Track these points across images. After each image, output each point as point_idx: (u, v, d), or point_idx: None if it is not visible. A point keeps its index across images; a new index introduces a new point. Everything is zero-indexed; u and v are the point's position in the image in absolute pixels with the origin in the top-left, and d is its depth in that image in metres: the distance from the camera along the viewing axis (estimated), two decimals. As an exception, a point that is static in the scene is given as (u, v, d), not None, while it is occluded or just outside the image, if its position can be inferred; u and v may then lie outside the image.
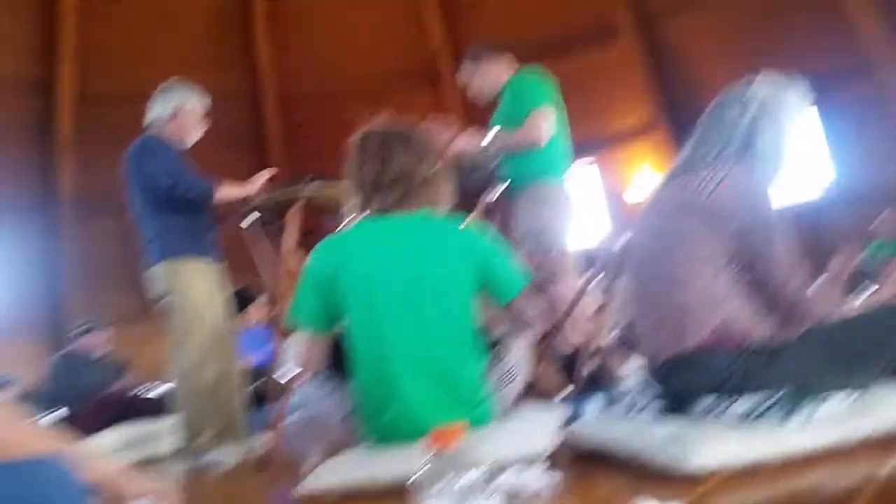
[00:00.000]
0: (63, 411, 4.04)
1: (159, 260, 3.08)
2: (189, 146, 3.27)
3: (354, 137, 1.95)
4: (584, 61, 8.36)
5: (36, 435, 1.09)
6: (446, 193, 1.97)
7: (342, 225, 1.97)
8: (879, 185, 7.19)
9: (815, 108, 7.47)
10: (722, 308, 1.55)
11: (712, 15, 7.78)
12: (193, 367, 3.01)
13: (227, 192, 3.11)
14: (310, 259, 1.91)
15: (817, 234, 7.30)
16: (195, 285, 3.08)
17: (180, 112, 3.21)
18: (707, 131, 1.75)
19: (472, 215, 3.13)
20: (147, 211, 3.11)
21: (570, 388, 2.90)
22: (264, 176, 3.23)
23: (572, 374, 3.01)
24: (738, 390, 1.47)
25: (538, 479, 1.33)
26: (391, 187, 1.87)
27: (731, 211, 1.58)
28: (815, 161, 7.76)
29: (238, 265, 3.54)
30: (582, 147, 3.33)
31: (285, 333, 3.16)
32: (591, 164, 8.40)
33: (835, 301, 1.70)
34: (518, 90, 3.17)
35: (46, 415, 3.97)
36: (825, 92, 7.00)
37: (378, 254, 1.82)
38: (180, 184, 3.01)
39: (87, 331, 4.75)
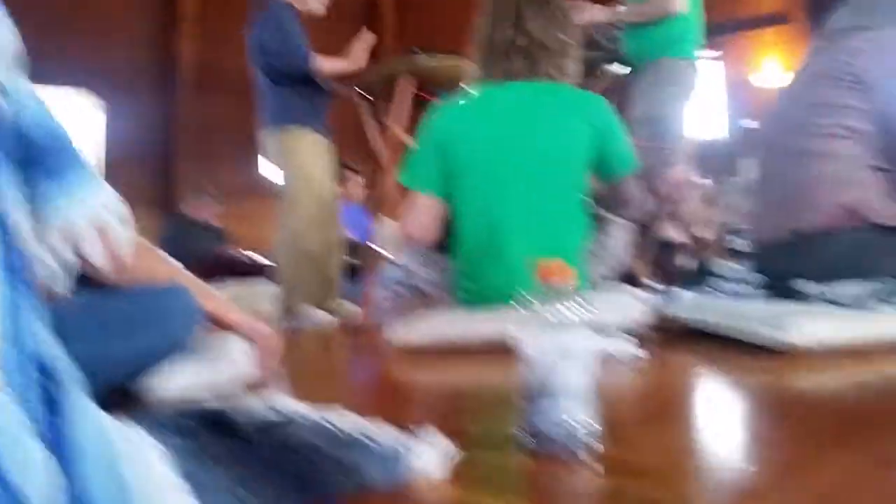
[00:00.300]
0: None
1: (274, 128, 3.17)
2: (320, 12, 3.25)
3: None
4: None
5: (163, 266, 1.20)
6: (576, 66, 1.90)
7: (463, 90, 1.94)
8: None
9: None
10: (853, 185, 1.49)
11: None
12: (299, 233, 3.12)
13: (329, 65, 3.12)
14: (429, 123, 1.91)
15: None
16: (306, 155, 3.16)
17: None
18: (855, 3, 1.63)
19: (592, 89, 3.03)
20: (264, 79, 3.18)
21: (666, 280, 2.87)
22: (364, 46, 3.20)
23: (671, 265, 2.97)
24: (850, 275, 1.44)
25: (628, 347, 1.35)
26: (521, 53, 1.81)
27: (885, 77, 1.49)
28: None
29: (345, 139, 3.57)
30: (711, 29, 3.08)
31: (384, 211, 3.25)
32: (716, 58, 7.82)
33: None
34: None
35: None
36: None
37: (498, 121, 1.81)
38: (288, 56, 3.05)
39: (198, 199, 5.09)
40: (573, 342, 0.76)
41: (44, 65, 1.30)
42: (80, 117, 6.06)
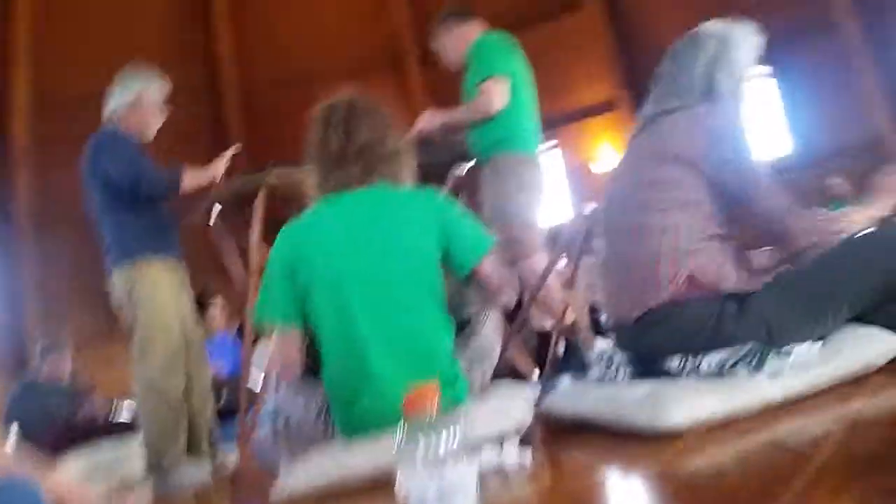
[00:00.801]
0: (15, 428, 3.92)
1: (120, 262, 2.89)
2: (151, 138, 3.07)
3: (317, 109, 1.88)
4: (546, 31, 8.32)
5: (7, 457, 1.09)
6: (410, 168, 1.91)
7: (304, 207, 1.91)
8: (836, 148, 7.33)
9: (773, 70, 7.56)
10: (694, 255, 1.55)
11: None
12: (158, 377, 2.80)
13: (194, 178, 2.93)
14: (273, 248, 1.84)
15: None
16: (159, 288, 2.89)
17: (141, 100, 3.01)
18: (668, 79, 1.76)
19: (441, 191, 3.08)
20: (106, 212, 2.92)
21: (543, 367, 2.89)
22: (227, 155, 3.08)
23: (544, 353, 2.99)
24: (708, 345, 1.48)
25: (513, 455, 1.33)
26: (355, 161, 1.80)
27: (704, 150, 1.58)
28: (773, 124, 7.89)
29: (199, 265, 3.38)
30: (544, 122, 3.25)
31: (253, 339, 3.05)
32: (552, 146, 8.40)
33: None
34: (476, 57, 3.04)
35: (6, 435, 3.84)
36: (785, 52, 7.15)
37: (341, 231, 1.76)
38: (144, 180, 2.83)
39: (49, 354, 4.57)
40: (453, 475, 0.73)
41: None
42: None
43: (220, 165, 3.03)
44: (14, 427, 3.94)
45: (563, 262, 3.39)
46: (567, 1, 8.63)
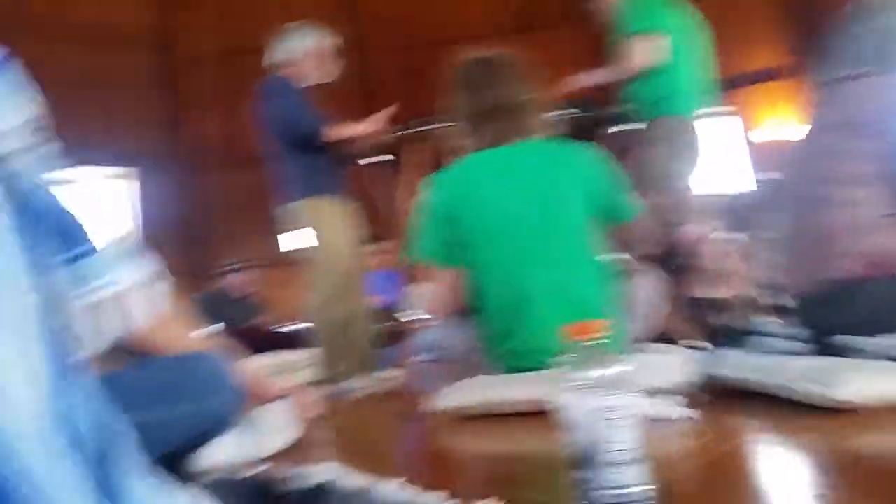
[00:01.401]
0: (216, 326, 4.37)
1: (295, 200, 3.16)
2: (313, 83, 3.28)
3: (458, 67, 1.94)
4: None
5: (196, 335, 1.21)
6: (549, 120, 1.95)
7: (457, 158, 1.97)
8: None
9: None
10: (871, 234, 1.47)
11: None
12: (327, 303, 3.11)
13: (342, 130, 3.12)
14: (427, 195, 1.92)
15: None
16: (329, 225, 3.15)
17: (310, 53, 3.25)
18: (845, 46, 1.64)
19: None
20: (280, 152, 3.18)
21: (706, 336, 2.80)
22: (384, 115, 3.21)
23: (707, 323, 2.90)
24: (889, 327, 1.40)
25: (674, 408, 1.32)
26: (507, 116, 1.86)
27: (882, 124, 1.49)
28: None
29: (372, 204, 3.59)
30: (716, 87, 3.05)
31: (412, 277, 3.23)
32: (729, 110, 7.87)
33: None
34: (624, 14, 2.94)
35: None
36: None
37: (499, 183, 1.82)
38: (298, 124, 3.07)
39: (233, 270, 5.11)
40: (616, 403, 0.73)
41: (74, 144, 1.33)
42: (115, 194, 6.19)
43: (374, 122, 3.16)
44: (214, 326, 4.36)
45: (730, 234, 3.24)
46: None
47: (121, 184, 6.34)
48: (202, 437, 1.04)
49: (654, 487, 0.72)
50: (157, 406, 0.99)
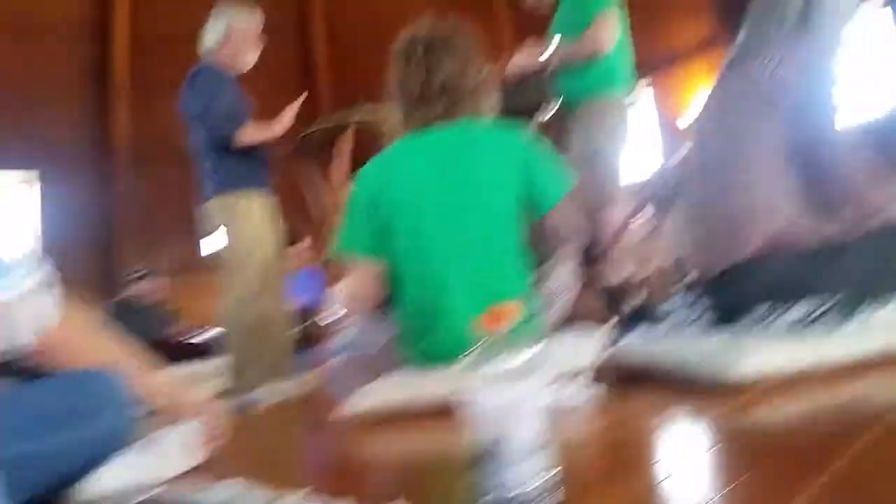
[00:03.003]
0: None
1: (214, 194, 3.07)
2: (246, 69, 3.21)
3: (397, 44, 1.87)
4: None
5: (102, 345, 1.15)
6: (494, 101, 1.89)
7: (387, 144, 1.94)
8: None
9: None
10: (781, 213, 1.51)
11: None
12: (240, 303, 3.00)
13: (252, 134, 3.03)
14: (355, 184, 1.88)
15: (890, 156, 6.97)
16: (250, 221, 3.06)
17: (230, 33, 3.14)
18: (759, 14, 1.67)
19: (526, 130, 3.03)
20: (204, 145, 3.09)
21: (614, 320, 2.87)
22: (291, 112, 3.15)
23: (618, 305, 2.98)
24: (792, 296, 1.45)
25: (579, 393, 1.36)
26: (437, 98, 1.80)
27: (789, 87, 1.52)
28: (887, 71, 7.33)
29: (292, 200, 3.48)
30: (637, 66, 3.11)
31: (335, 275, 3.16)
32: (647, 86, 8.04)
33: None
34: None
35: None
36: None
37: (423, 169, 1.77)
38: (210, 119, 2.98)
39: (141, 278, 4.94)
40: (521, 395, 0.73)
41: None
42: (12, 196, 5.88)
43: (284, 122, 3.10)
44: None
45: (647, 214, 3.33)
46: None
47: (26, 187, 6.01)
48: (90, 464, 0.99)
49: (556, 476, 0.73)
50: (38, 434, 0.94)
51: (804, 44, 1.57)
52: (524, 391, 0.74)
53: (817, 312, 1.41)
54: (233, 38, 3.15)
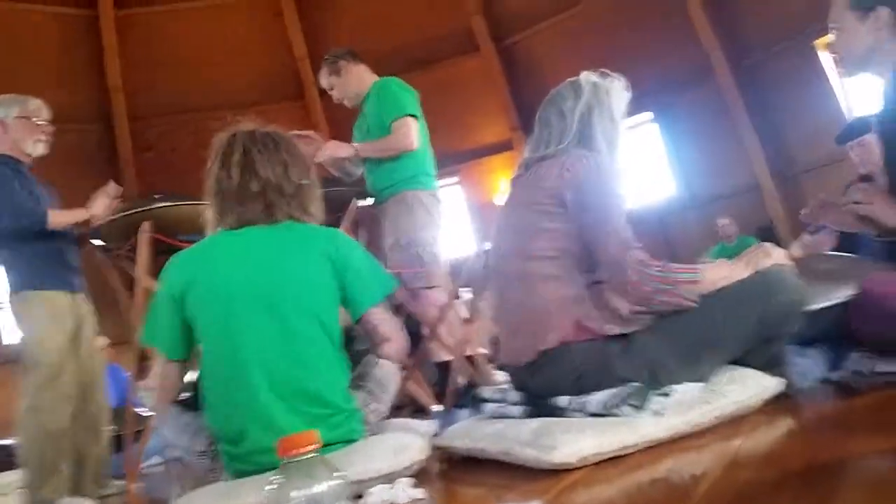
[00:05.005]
0: None
1: (11, 291, 2.86)
2: (34, 155, 3.01)
3: (218, 140, 1.81)
4: (445, 72, 8.62)
5: None
6: (318, 205, 1.86)
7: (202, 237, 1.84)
8: (719, 191, 7.80)
9: (656, 116, 8.01)
10: (575, 308, 1.59)
11: (561, 25, 8.32)
12: (38, 406, 2.77)
13: (65, 217, 2.88)
14: (161, 276, 1.77)
15: (667, 237, 7.82)
16: (44, 319, 2.84)
17: (8, 124, 2.96)
18: (545, 124, 1.83)
19: (341, 224, 3.07)
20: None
21: (444, 400, 2.89)
22: (104, 195, 3.01)
23: (444, 386, 3.00)
24: (595, 385, 1.53)
25: (406, 493, 1.32)
26: (256, 198, 1.75)
27: (571, 190, 1.63)
28: (659, 169, 8.32)
29: (100, 296, 3.26)
30: (445, 161, 3.33)
31: (143, 371, 2.93)
32: (453, 182, 8.63)
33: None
34: (384, 97, 3.14)
35: None
36: (667, 99, 7.60)
37: (233, 261, 1.70)
38: (11, 215, 2.79)
39: None
40: None
41: None
42: None
43: (99, 202, 2.97)
44: None
45: (464, 296, 3.43)
46: (463, 46, 8.95)
47: None
48: None
49: None
50: None
51: (586, 153, 1.72)
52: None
53: (614, 402, 1.48)
54: (11, 129, 2.97)
